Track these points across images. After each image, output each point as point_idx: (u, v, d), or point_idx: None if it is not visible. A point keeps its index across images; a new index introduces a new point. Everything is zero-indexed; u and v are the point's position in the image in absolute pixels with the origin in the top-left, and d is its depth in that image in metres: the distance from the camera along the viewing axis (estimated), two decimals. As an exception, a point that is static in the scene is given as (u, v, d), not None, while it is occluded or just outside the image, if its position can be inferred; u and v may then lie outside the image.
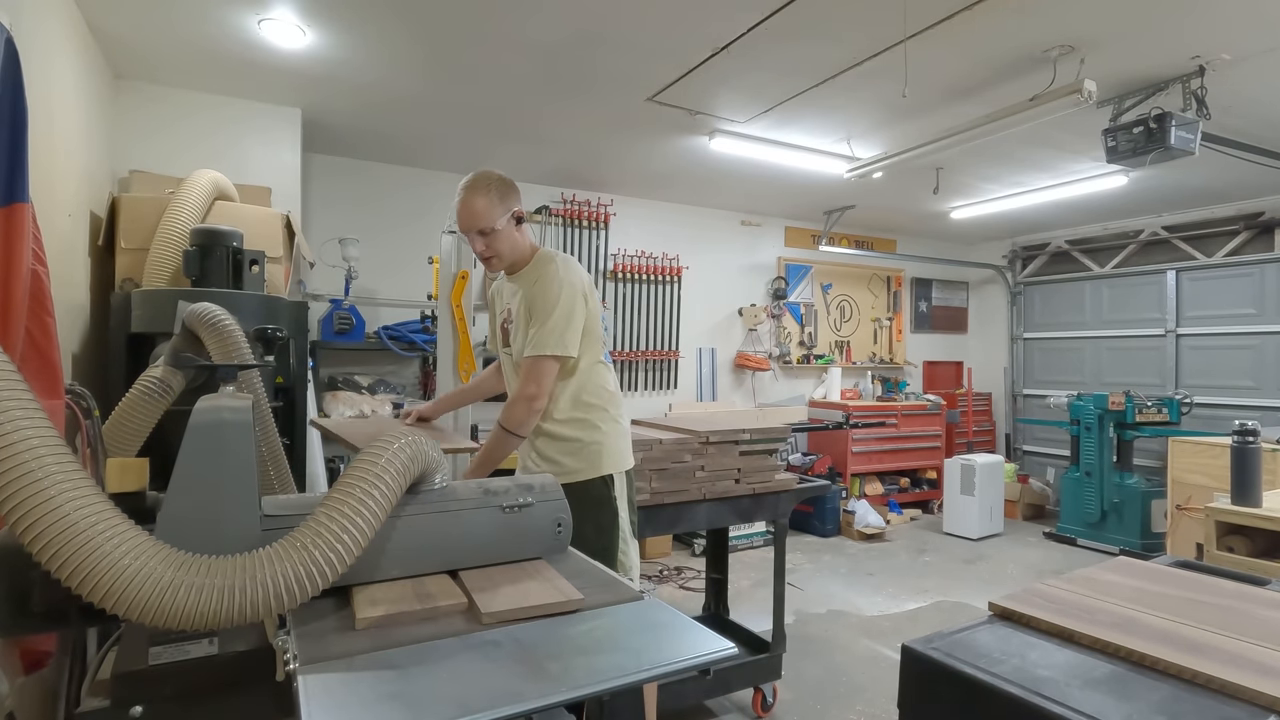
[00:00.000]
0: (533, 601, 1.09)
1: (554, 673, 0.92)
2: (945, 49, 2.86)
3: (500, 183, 1.89)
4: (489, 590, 1.14)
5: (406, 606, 1.06)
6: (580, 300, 1.93)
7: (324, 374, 4.26)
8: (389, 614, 1.04)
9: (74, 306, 2.45)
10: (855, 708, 2.88)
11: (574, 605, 1.10)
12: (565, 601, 1.10)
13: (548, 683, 0.89)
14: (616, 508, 1.98)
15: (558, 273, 1.90)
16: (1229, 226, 5.56)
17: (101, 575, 0.85)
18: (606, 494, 1.98)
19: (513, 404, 1.89)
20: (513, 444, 1.90)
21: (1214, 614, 1.19)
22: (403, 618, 1.04)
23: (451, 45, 2.89)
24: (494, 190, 1.87)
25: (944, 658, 1.07)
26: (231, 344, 1.58)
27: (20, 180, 1.36)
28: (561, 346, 1.88)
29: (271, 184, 3.29)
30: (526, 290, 1.94)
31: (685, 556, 4.95)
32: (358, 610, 1.04)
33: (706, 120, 3.72)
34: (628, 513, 2.02)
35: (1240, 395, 5.48)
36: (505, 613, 1.06)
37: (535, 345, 1.87)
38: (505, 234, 1.89)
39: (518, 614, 1.06)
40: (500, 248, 1.90)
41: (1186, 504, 4.09)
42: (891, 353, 6.94)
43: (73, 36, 2.50)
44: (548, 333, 1.86)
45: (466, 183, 1.88)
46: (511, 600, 1.09)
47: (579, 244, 5.25)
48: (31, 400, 0.86)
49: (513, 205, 1.90)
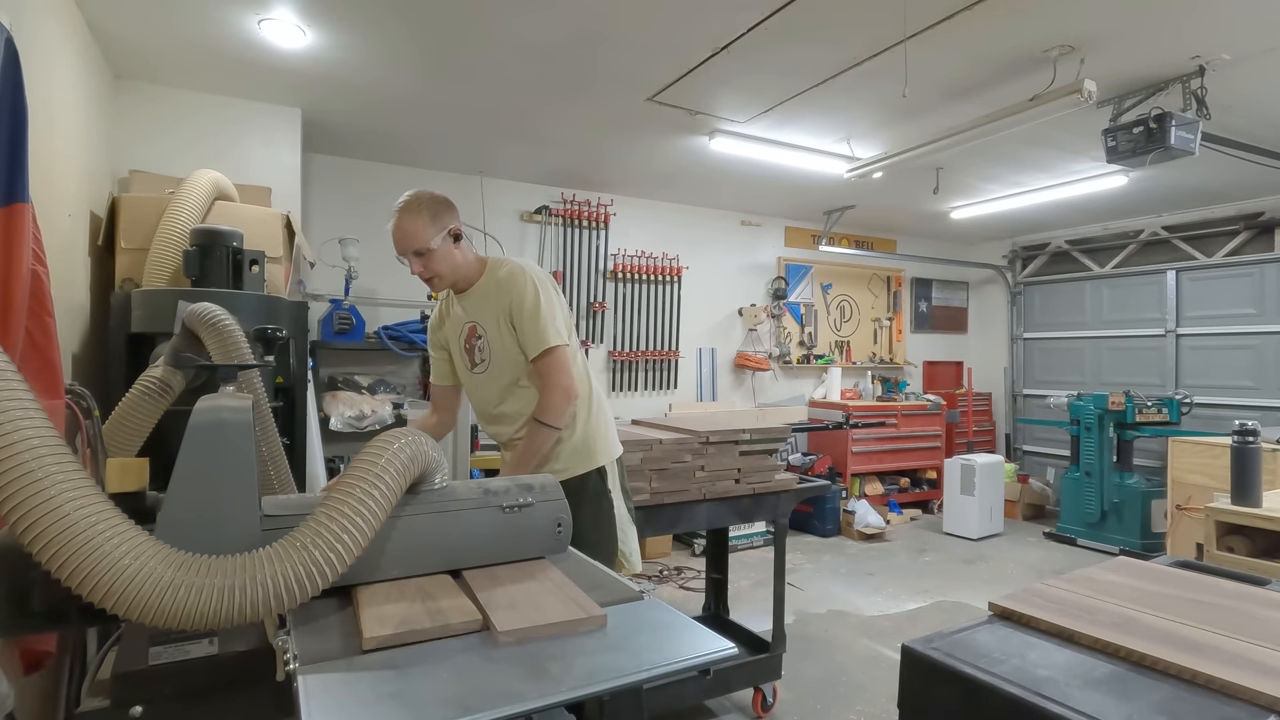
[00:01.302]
0: (551, 619, 1.03)
1: (554, 673, 0.92)
2: (945, 49, 2.86)
3: (433, 201, 1.86)
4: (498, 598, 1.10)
5: (417, 624, 1.00)
6: (553, 291, 1.94)
7: (324, 374, 4.26)
8: (398, 633, 0.97)
9: (74, 306, 2.45)
10: (855, 708, 2.88)
11: (596, 623, 1.05)
12: (587, 619, 1.05)
13: (548, 683, 0.89)
14: (612, 499, 1.99)
15: (524, 272, 1.92)
16: (1229, 226, 5.56)
17: (101, 575, 0.85)
18: (601, 487, 1.99)
19: (548, 397, 1.87)
20: (552, 438, 1.89)
21: (1214, 614, 1.19)
22: (412, 636, 0.98)
23: (452, 45, 2.89)
24: (425, 210, 1.84)
25: (944, 658, 1.07)
26: (231, 344, 1.58)
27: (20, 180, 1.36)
28: (559, 336, 1.89)
29: (271, 184, 3.28)
30: (496, 300, 1.92)
31: (685, 556, 4.95)
32: (365, 628, 0.98)
33: (706, 120, 3.72)
34: (622, 500, 2.03)
35: (1240, 395, 5.48)
36: (523, 631, 1.00)
37: (538, 341, 1.87)
38: (442, 253, 1.86)
39: (536, 632, 1.01)
40: (439, 268, 1.87)
41: (1186, 504, 4.09)
42: (891, 353, 6.94)
43: (73, 36, 2.50)
44: (542, 326, 1.87)
45: (398, 205, 1.85)
46: (528, 618, 1.03)
47: (579, 244, 5.25)
48: (31, 400, 0.86)
49: (448, 223, 1.87)
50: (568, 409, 1.90)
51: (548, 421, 1.86)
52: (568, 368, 1.89)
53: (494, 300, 1.92)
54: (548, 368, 1.88)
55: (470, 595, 1.13)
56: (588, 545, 1.55)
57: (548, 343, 1.87)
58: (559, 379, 1.88)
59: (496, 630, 0.99)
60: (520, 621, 1.01)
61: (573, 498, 1.63)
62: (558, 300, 1.95)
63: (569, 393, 1.89)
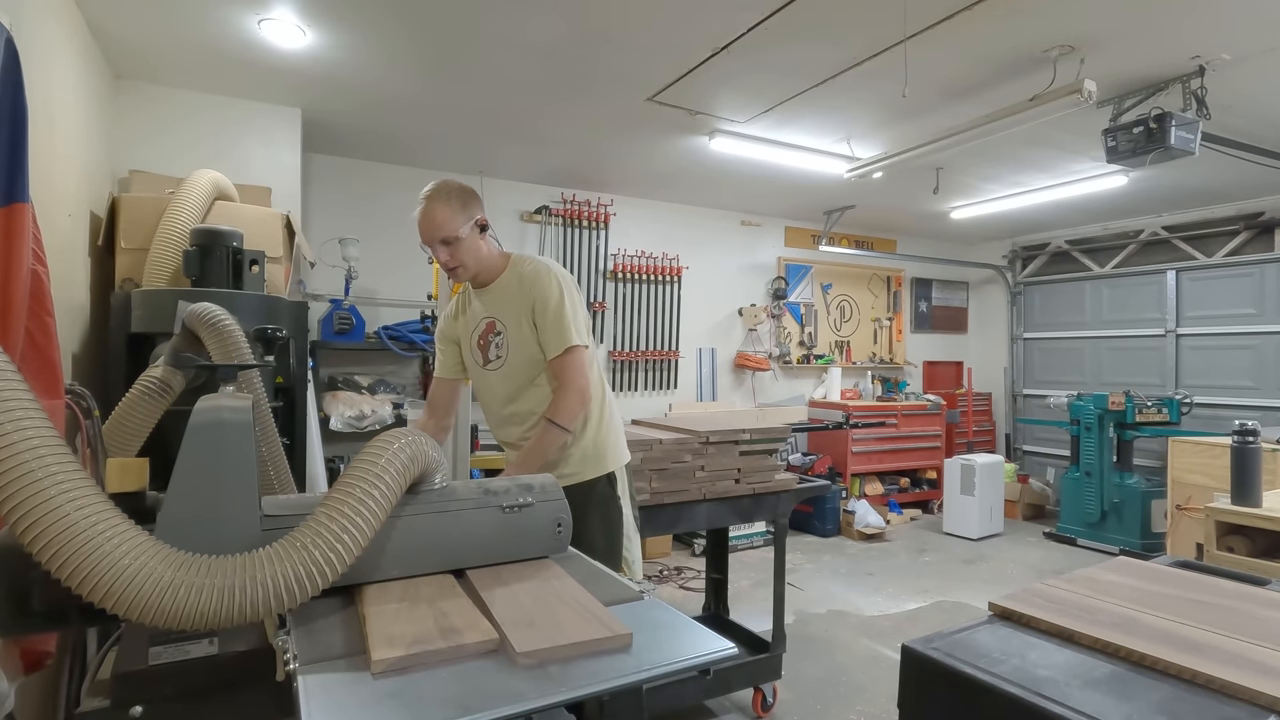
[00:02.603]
0: (573, 638, 0.97)
1: (554, 673, 0.91)
2: (945, 49, 2.86)
3: (461, 190, 1.85)
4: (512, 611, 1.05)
5: (430, 645, 0.94)
6: (575, 292, 1.93)
7: (324, 374, 4.26)
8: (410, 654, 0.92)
9: (74, 306, 2.45)
10: (855, 708, 2.88)
11: (621, 642, 0.98)
12: (611, 638, 0.98)
13: (548, 683, 0.89)
14: (621, 505, 1.97)
15: (550, 270, 1.91)
16: (1229, 226, 5.56)
17: (101, 575, 0.85)
18: (610, 493, 1.97)
19: (563, 398, 1.85)
20: (561, 439, 1.87)
21: (1214, 614, 1.19)
22: (426, 658, 0.92)
23: (452, 45, 2.89)
24: (454, 198, 1.82)
25: (944, 658, 1.07)
26: (231, 344, 1.58)
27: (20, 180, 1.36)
28: (580, 337, 1.88)
29: (271, 184, 3.28)
30: (519, 296, 1.90)
31: (685, 556, 4.95)
32: (373, 648, 0.92)
33: (706, 120, 3.72)
34: (630, 508, 2.02)
35: (1240, 395, 5.48)
36: (544, 652, 0.94)
37: (559, 341, 1.85)
38: (469, 243, 1.85)
39: (558, 653, 0.95)
40: (465, 257, 1.86)
41: (1186, 504, 4.09)
42: (891, 353, 6.94)
43: (73, 36, 2.50)
44: (566, 326, 1.86)
45: (426, 192, 1.83)
46: (549, 637, 0.97)
47: (579, 244, 5.25)
48: (32, 400, 0.86)
49: (475, 213, 1.86)
50: (581, 412, 1.89)
51: (559, 422, 1.84)
52: (585, 370, 1.88)
53: (516, 297, 1.91)
54: (565, 368, 1.86)
55: (480, 604, 1.09)
56: (596, 552, 1.54)
57: (569, 342, 1.85)
58: (576, 380, 1.86)
59: (515, 651, 0.94)
60: (541, 642, 0.96)
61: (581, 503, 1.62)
62: (580, 302, 1.94)
63: (584, 395, 1.87)
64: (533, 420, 1.92)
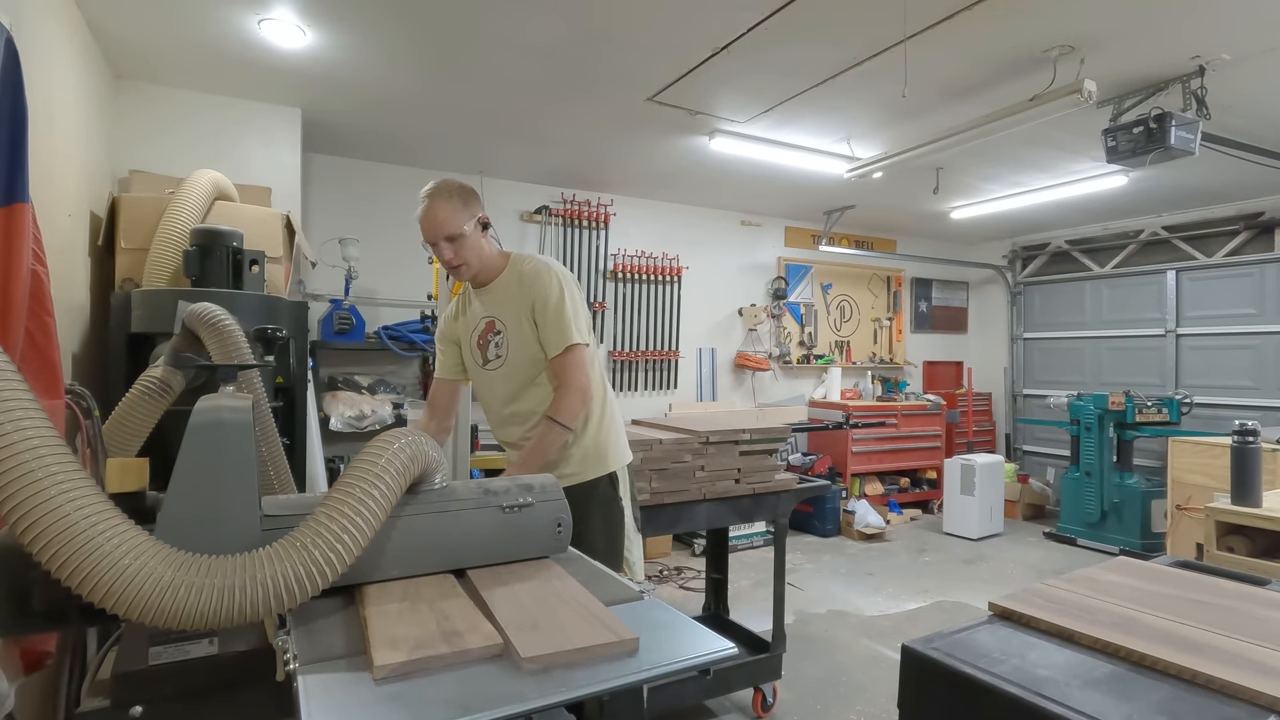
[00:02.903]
0: (578, 643, 0.96)
1: (554, 673, 0.91)
2: (945, 49, 2.86)
3: (461, 189, 1.87)
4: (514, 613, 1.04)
5: (432, 650, 0.93)
6: (576, 291, 1.93)
7: (324, 374, 4.26)
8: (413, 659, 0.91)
9: (74, 306, 2.45)
10: (855, 708, 2.88)
11: (627, 647, 0.97)
12: (617, 643, 0.97)
13: (548, 683, 0.89)
14: (622, 505, 1.97)
15: (550, 268, 1.91)
16: (1229, 226, 5.56)
17: (101, 575, 0.85)
18: (612, 493, 1.96)
19: (564, 397, 1.85)
20: (563, 438, 1.87)
21: (1214, 614, 1.19)
22: (429, 663, 0.91)
23: (451, 45, 2.89)
24: (456, 196, 1.84)
25: (944, 658, 1.07)
26: (231, 344, 1.58)
27: (20, 180, 1.36)
28: (581, 335, 1.88)
29: (271, 184, 3.28)
30: (519, 295, 1.90)
31: (685, 556, 4.95)
32: (375, 653, 0.91)
33: (706, 120, 3.72)
34: (631, 508, 2.01)
35: (1240, 395, 5.48)
36: (549, 657, 0.93)
37: (559, 339, 1.85)
38: (472, 240, 1.86)
39: (562, 658, 0.94)
40: (468, 255, 1.87)
41: (1186, 504, 4.09)
42: (891, 353, 6.94)
43: (73, 36, 2.50)
44: (566, 324, 1.86)
45: (427, 191, 1.84)
46: (554, 641, 0.96)
47: (579, 244, 5.25)
48: (32, 400, 0.86)
49: (476, 211, 1.87)
50: (582, 410, 1.88)
51: (561, 420, 1.84)
52: (586, 368, 1.88)
53: (517, 295, 1.91)
54: (567, 366, 1.86)
55: (481, 605, 1.09)
56: (597, 553, 1.54)
57: (570, 340, 1.85)
58: (577, 378, 1.86)
59: (520, 656, 0.93)
60: (545, 646, 0.94)
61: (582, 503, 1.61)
62: (580, 300, 1.94)
63: (585, 393, 1.87)
64: (534, 420, 1.92)
